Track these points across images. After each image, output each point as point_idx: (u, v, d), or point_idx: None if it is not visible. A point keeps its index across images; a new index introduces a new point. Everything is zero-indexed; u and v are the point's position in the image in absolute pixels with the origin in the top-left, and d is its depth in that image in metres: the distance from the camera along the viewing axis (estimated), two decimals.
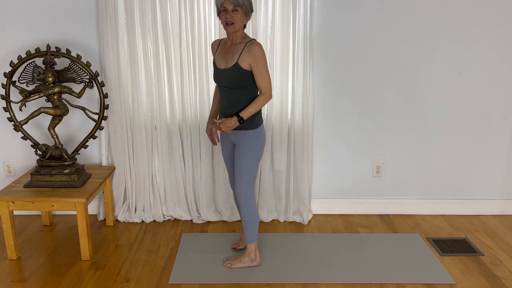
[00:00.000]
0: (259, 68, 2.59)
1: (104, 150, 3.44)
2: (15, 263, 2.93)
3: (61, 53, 3.05)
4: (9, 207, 2.89)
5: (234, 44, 2.63)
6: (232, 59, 2.61)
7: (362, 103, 3.42)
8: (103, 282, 2.74)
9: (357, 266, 2.91)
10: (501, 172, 3.59)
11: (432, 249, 3.13)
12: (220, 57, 2.68)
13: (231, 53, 2.62)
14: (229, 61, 2.62)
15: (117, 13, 3.11)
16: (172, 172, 3.45)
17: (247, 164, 2.72)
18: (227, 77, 2.63)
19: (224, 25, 2.57)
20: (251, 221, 2.80)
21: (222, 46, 2.72)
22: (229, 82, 2.63)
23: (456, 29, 3.27)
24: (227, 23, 2.54)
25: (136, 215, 3.49)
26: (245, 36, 2.67)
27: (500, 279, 2.79)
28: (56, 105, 3.05)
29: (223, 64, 2.66)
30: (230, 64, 2.61)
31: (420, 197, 3.63)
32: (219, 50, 2.72)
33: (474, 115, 3.46)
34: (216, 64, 2.70)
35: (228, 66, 2.62)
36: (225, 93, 2.68)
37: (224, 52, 2.67)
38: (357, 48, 3.30)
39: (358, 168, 3.56)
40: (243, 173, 2.73)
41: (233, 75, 2.60)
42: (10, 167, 3.51)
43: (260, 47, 2.58)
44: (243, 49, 2.59)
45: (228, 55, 2.64)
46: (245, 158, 2.71)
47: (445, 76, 3.37)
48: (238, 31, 2.59)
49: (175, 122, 3.33)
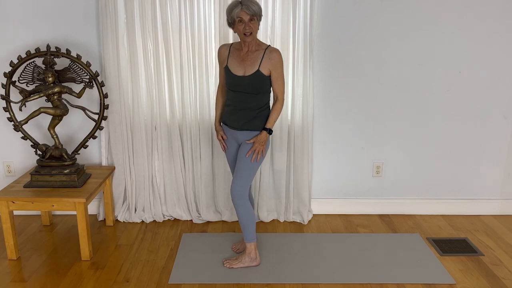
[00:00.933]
0: (277, 74, 2.68)
1: (104, 150, 3.44)
2: (15, 263, 2.93)
3: (61, 53, 3.05)
4: (9, 207, 2.89)
5: (251, 51, 2.67)
6: (252, 66, 2.65)
7: (362, 103, 3.42)
8: (103, 282, 2.74)
9: (357, 266, 2.91)
10: (501, 172, 3.59)
11: (432, 249, 3.13)
12: (236, 64, 2.69)
13: (250, 60, 2.66)
14: (249, 68, 2.66)
15: (117, 13, 3.11)
16: (172, 172, 3.45)
17: (250, 164, 2.74)
18: (248, 83, 2.67)
19: (242, 35, 2.60)
20: (248, 220, 2.81)
21: (235, 52, 2.72)
22: (249, 88, 2.68)
23: (456, 29, 3.27)
24: (246, 33, 2.57)
25: (136, 215, 3.49)
26: (260, 42, 2.71)
27: (500, 279, 2.79)
28: (56, 105, 3.05)
29: (240, 71, 2.68)
30: (251, 71, 2.65)
31: (420, 197, 3.63)
32: (233, 57, 2.72)
33: (474, 115, 3.46)
34: (232, 71, 2.70)
35: (249, 73, 2.66)
36: (241, 98, 2.72)
37: (241, 59, 2.69)
38: (357, 48, 3.30)
39: (358, 168, 3.56)
40: (243, 173, 2.75)
41: (254, 81, 2.66)
42: (10, 167, 3.51)
43: (280, 54, 2.67)
44: (263, 56, 2.64)
45: (247, 62, 2.67)
46: (249, 158, 2.73)
47: (445, 76, 3.37)
48: (254, 38, 2.64)
49: (175, 122, 3.33)
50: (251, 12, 2.53)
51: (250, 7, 2.53)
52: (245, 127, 2.75)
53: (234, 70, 2.70)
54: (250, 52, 2.68)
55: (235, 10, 2.55)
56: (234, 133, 2.81)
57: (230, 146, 2.89)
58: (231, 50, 2.74)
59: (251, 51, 2.68)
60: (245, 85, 2.68)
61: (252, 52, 2.67)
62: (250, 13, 2.53)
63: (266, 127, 2.74)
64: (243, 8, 2.53)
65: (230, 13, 2.58)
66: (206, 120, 3.34)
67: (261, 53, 2.67)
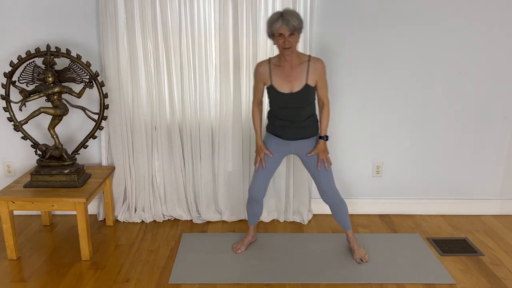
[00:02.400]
0: (323, 82, 2.74)
1: (104, 150, 3.44)
2: (15, 263, 2.93)
3: (61, 53, 3.05)
4: (9, 207, 2.89)
5: (295, 66, 2.66)
6: (299, 81, 2.66)
7: (362, 103, 3.42)
8: (103, 282, 2.74)
9: (357, 266, 2.91)
10: (501, 172, 3.59)
11: (432, 249, 3.13)
12: (281, 82, 2.68)
13: (295, 75, 2.66)
14: (296, 84, 2.66)
15: (117, 13, 3.11)
16: (172, 172, 3.45)
17: (327, 171, 2.86)
18: (297, 98, 2.68)
19: (281, 49, 2.60)
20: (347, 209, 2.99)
21: (277, 70, 2.69)
22: (299, 103, 2.70)
23: (456, 29, 3.27)
24: (285, 48, 2.57)
25: (136, 215, 3.49)
26: (300, 54, 2.70)
27: (500, 279, 2.79)
28: (56, 105, 3.05)
29: (287, 88, 2.67)
30: (299, 86, 2.66)
31: (420, 197, 3.63)
32: (276, 74, 2.69)
33: (474, 115, 3.46)
34: (278, 90, 2.68)
35: (297, 89, 2.66)
36: (291, 112, 2.73)
37: (285, 76, 2.67)
38: (357, 48, 3.30)
39: (358, 168, 3.56)
40: (331, 174, 2.87)
41: (303, 95, 2.68)
42: (10, 167, 3.51)
43: (323, 63, 2.71)
44: (308, 69, 2.65)
45: (292, 78, 2.66)
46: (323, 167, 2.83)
47: (445, 76, 3.37)
48: (294, 51, 2.63)
49: (175, 122, 3.33)
50: (291, 27, 2.51)
51: (290, 22, 2.50)
52: (299, 136, 2.80)
53: (280, 88, 2.68)
54: (294, 67, 2.66)
55: (276, 24, 2.52)
56: (287, 143, 2.83)
57: (275, 157, 2.87)
58: (272, 67, 2.70)
59: (294, 65, 2.66)
60: (294, 101, 2.68)
61: (296, 66, 2.66)
62: (290, 28, 2.51)
63: (322, 135, 2.83)
64: (283, 23, 2.50)
65: (271, 27, 2.56)
66: (206, 120, 3.34)
67: (305, 65, 2.66)
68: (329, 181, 2.88)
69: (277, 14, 2.55)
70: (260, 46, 3.18)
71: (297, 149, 2.86)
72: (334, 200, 2.93)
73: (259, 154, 2.87)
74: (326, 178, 2.87)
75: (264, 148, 2.86)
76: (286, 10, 2.57)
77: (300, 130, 2.79)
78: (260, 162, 2.86)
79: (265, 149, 2.86)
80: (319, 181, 2.88)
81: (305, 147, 2.84)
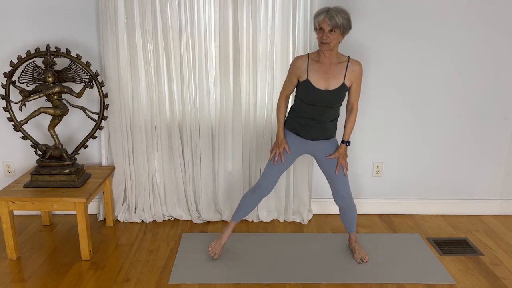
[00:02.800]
0: (358, 85, 2.73)
1: (104, 150, 3.44)
2: (15, 263, 2.93)
3: (61, 53, 3.05)
4: (9, 207, 2.89)
5: (334, 64, 2.65)
6: (336, 79, 2.64)
7: (362, 103, 3.40)
8: (103, 282, 2.74)
9: (357, 266, 2.91)
10: (501, 172, 3.59)
11: (432, 249, 3.13)
12: (318, 78, 2.65)
13: (333, 73, 2.65)
14: (333, 82, 2.64)
15: (117, 13, 3.11)
16: (172, 172, 3.45)
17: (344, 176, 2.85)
18: (331, 97, 2.66)
19: (320, 43, 2.59)
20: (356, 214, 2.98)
21: (315, 65, 2.66)
22: (332, 101, 2.68)
23: (456, 29, 3.27)
24: (322, 42, 2.55)
25: (136, 215, 3.49)
26: (340, 55, 2.69)
27: (500, 279, 2.79)
28: (56, 105, 3.05)
29: (323, 84, 2.65)
30: (336, 85, 2.65)
31: (420, 197, 3.63)
32: (313, 70, 2.66)
33: (474, 115, 3.46)
34: (314, 85, 2.65)
35: (333, 87, 2.65)
36: (320, 110, 2.70)
37: (324, 72, 2.65)
38: (357, 48, 3.29)
39: (358, 168, 3.56)
40: (347, 178, 2.86)
41: (338, 94, 2.67)
42: (10, 167, 3.51)
43: (361, 66, 2.71)
44: (346, 69, 2.64)
45: (330, 75, 2.64)
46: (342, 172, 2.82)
47: (445, 76, 3.37)
48: (333, 49, 2.61)
49: (175, 122, 3.33)
50: (332, 23, 2.48)
51: (333, 17, 2.48)
52: (320, 137, 2.79)
53: (316, 84, 2.65)
54: (333, 64, 2.65)
55: (319, 17, 2.52)
56: (305, 142, 2.81)
57: (293, 153, 2.85)
58: (310, 62, 2.68)
59: (333, 63, 2.65)
60: (327, 98, 2.66)
61: (335, 64, 2.65)
62: (332, 24, 2.49)
63: (344, 140, 2.83)
64: (326, 16, 2.49)
65: (315, 19, 2.56)
66: (206, 120, 3.34)
67: (343, 65, 2.66)
68: (345, 186, 2.86)
69: (325, 8, 2.53)
70: (260, 46, 3.18)
71: (315, 149, 2.84)
72: (346, 204, 2.91)
73: (279, 148, 2.82)
74: (342, 183, 2.85)
75: (285, 143, 2.83)
76: (335, 7, 2.54)
77: (322, 130, 2.77)
78: (280, 156, 2.82)
79: (286, 144, 2.82)
80: (335, 185, 2.87)
81: (323, 149, 2.82)
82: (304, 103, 2.72)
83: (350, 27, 2.58)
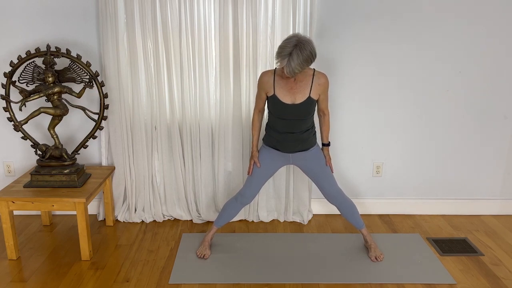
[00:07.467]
0: (325, 95, 2.79)
1: (104, 150, 3.44)
2: (15, 263, 2.93)
3: (61, 53, 3.05)
4: (9, 207, 2.89)
5: (299, 79, 2.67)
6: (302, 93, 2.68)
7: (361, 103, 3.42)
8: (103, 282, 2.74)
9: (357, 266, 2.91)
10: (501, 172, 3.59)
11: (432, 249, 3.13)
12: (284, 93, 2.69)
13: (299, 88, 2.68)
14: (299, 96, 2.68)
15: (117, 13, 3.11)
16: (172, 172, 3.45)
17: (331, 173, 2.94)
18: (298, 110, 2.70)
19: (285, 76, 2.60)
20: (354, 207, 3.02)
21: (281, 81, 2.69)
22: (300, 114, 2.72)
23: (456, 29, 3.27)
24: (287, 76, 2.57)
25: (136, 215, 3.49)
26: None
27: (500, 279, 2.79)
28: (56, 105, 3.05)
29: (289, 99, 2.69)
30: (301, 99, 2.68)
31: (420, 197, 3.63)
32: (280, 85, 2.69)
33: (474, 115, 3.46)
34: (281, 100, 2.69)
35: (299, 101, 2.69)
36: (291, 124, 2.75)
37: (289, 88, 2.68)
38: (357, 48, 3.29)
39: (358, 168, 3.56)
40: (332, 176, 2.95)
41: (304, 108, 2.70)
42: (10, 167, 3.51)
43: (327, 78, 2.75)
44: (312, 82, 2.67)
45: (295, 90, 2.68)
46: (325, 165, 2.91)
47: (445, 76, 3.37)
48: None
49: (175, 122, 3.33)
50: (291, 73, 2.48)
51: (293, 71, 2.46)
52: (297, 149, 2.83)
53: (283, 99, 2.69)
54: (298, 80, 2.68)
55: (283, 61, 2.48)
56: (285, 155, 2.86)
57: (268, 166, 2.90)
58: (276, 78, 2.71)
59: (298, 79, 2.67)
60: (295, 112, 2.70)
61: (300, 80, 2.68)
62: (291, 73, 2.49)
63: (324, 143, 2.97)
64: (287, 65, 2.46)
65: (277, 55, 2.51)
66: (206, 120, 3.34)
67: (309, 79, 2.68)
68: (333, 185, 2.95)
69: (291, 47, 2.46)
70: (260, 46, 3.18)
71: (296, 161, 2.90)
72: (339, 201, 2.97)
73: (251, 162, 2.93)
74: (328, 181, 2.94)
75: (257, 156, 2.91)
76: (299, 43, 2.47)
77: (299, 142, 2.81)
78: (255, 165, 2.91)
79: (256, 159, 2.90)
80: (324, 185, 2.94)
81: (305, 160, 2.88)
82: (275, 117, 2.78)
83: (313, 61, 2.55)
